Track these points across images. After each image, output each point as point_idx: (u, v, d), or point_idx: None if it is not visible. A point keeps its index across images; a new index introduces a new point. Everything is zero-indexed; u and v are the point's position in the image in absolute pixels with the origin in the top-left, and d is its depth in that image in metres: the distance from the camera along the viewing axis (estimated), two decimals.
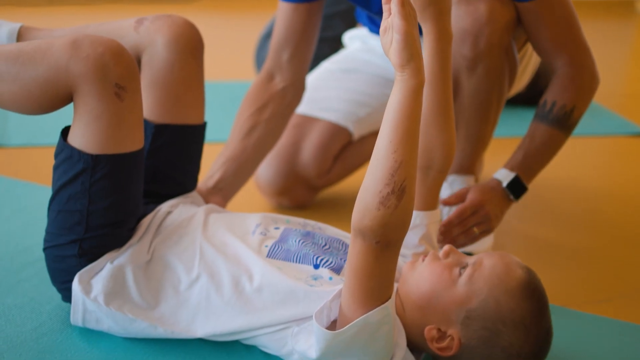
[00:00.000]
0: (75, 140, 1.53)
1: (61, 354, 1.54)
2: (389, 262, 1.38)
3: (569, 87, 1.90)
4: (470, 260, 1.52)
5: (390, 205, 1.33)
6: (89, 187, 1.53)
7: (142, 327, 1.55)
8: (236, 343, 1.58)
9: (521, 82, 2.31)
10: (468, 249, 2.01)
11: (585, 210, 2.44)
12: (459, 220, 1.86)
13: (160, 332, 1.55)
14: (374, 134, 2.33)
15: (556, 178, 2.65)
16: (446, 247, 1.54)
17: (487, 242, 2.07)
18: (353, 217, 1.37)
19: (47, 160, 2.47)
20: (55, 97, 1.52)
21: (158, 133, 1.70)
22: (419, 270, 1.52)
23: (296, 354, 1.50)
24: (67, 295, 1.61)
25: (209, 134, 1.85)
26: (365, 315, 1.38)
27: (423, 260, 1.54)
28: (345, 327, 1.39)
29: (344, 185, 2.44)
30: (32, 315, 1.65)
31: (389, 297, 1.40)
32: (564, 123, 1.90)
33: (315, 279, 1.53)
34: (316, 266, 1.56)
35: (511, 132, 2.90)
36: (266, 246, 1.59)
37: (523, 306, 1.46)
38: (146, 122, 1.68)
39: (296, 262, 1.57)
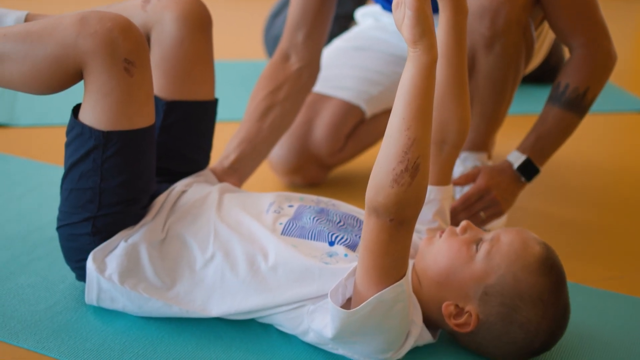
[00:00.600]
0: (86, 117, 1.51)
1: (76, 333, 1.53)
2: (403, 240, 1.37)
3: (583, 68, 1.88)
4: (487, 236, 1.50)
5: (404, 183, 1.32)
6: (101, 164, 1.52)
7: (157, 306, 1.54)
8: (252, 322, 1.57)
9: (536, 60, 2.29)
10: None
11: (597, 187, 2.43)
12: (463, 207, 1.86)
13: (176, 311, 1.54)
14: (386, 112, 2.31)
15: (568, 155, 2.63)
16: (463, 222, 1.52)
17: (500, 219, 2.06)
18: (367, 194, 1.35)
19: (57, 140, 2.47)
20: (65, 75, 1.50)
21: (169, 110, 1.69)
22: (436, 246, 1.51)
23: (312, 333, 1.49)
24: (81, 274, 1.60)
25: (218, 112, 1.83)
26: (379, 293, 1.37)
27: (440, 236, 1.53)
28: (359, 306, 1.38)
29: (356, 163, 2.42)
30: (46, 294, 1.64)
31: (404, 275, 1.39)
32: (577, 105, 1.88)
33: (331, 256, 1.52)
34: (331, 243, 1.54)
35: (521, 110, 2.88)
36: (280, 224, 1.58)
37: (541, 282, 1.45)
38: (157, 99, 1.66)
39: (311, 239, 1.55)
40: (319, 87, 2.34)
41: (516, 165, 1.91)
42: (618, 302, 1.78)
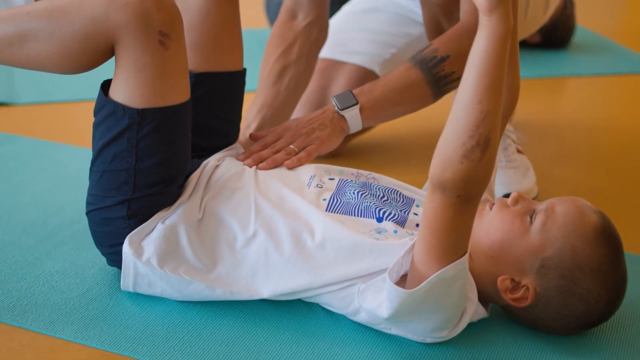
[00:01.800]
0: (118, 94, 1.43)
1: (115, 321, 1.46)
2: (469, 216, 1.31)
3: (454, 36, 1.77)
4: (540, 206, 1.45)
5: (474, 158, 1.25)
6: (136, 144, 1.44)
7: (199, 289, 1.47)
8: (297, 302, 1.51)
9: (541, 21, 2.24)
10: (511, 189, 1.95)
11: (624, 151, 2.37)
12: (261, 148, 1.68)
13: (219, 293, 1.47)
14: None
15: (590, 119, 2.59)
16: (514, 193, 1.47)
17: (529, 180, 2.01)
18: (432, 170, 1.29)
19: (61, 117, 2.42)
20: (96, 52, 1.42)
21: (198, 82, 1.61)
22: (488, 219, 1.45)
23: (363, 312, 1.43)
24: (114, 259, 1.53)
25: None
26: (440, 270, 1.31)
27: (490, 208, 1.47)
28: (420, 285, 1.32)
29: (375, 132, 2.36)
30: (77, 281, 1.57)
31: (466, 252, 1.33)
32: (426, 65, 1.75)
33: (380, 232, 1.46)
34: (379, 219, 1.48)
35: (530, 74, 2.85)
36: (324, 199, 1.51)
37: (600, 252, 1.40)
38: None
39: (358, 215, 1.49)
40: (330, 52, 2.28)
41: (335, 95, 1.78)
42: None
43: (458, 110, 1.26)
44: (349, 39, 2.31)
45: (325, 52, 2.25)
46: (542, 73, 2.99)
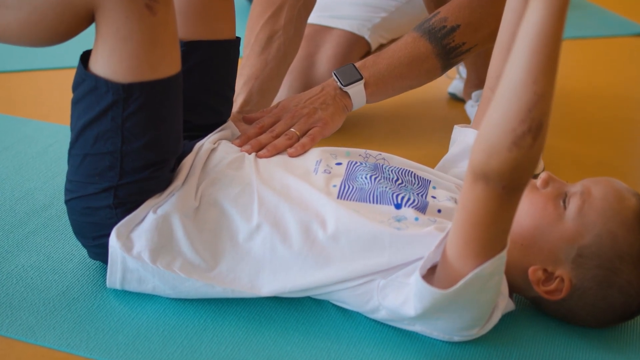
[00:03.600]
0: (100, 67, 1.27)
1: (103, 324, 1.30)
2: (513, 208, 1.17)
3: (464, 4, 1.64)
4: (573, 188, 1.32)
5: (524, 146, 1.10)
6: (122, 124, 1.27)
7: (196, 286, 1.32)
8: (305, 299, 1.37)
9: None
10: None
11: (619, 119, 2.27)
12: (259, 132, 1.55)
13: (219, 291, 1.32)
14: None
15: (580, 86, 2.47)
16: (544, 174, 1.34)
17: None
18: (474, 159, 1.15)
19: (22, 88, 2.23)
20: (73, 20, 1.26)
21: (189, 51, 1.45)
22: None
23: (384, 310, 1.29)
24: (97, 253, 1.37)
25: None
26: (479, 268, 1.18)
27: None
28: (458, 285, 1.19)
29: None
30: (55, 277, 1.40)
31: (505, 246, 1.20)
32: (435, 35, 1.63)
33: (399, 220, 1.31)
34: (398, 205, 1.33)
35: None
36: (334, 186, 1.37)
37: None
38: None
39: (373, 202, 1.35)
40: (317, 17, 2.15)
41: (336, 70, 1.65)
42: None
43: (508, 91, 1.11)
44: (336, 2, 2.19)
45: (311, 17, 2.10)
46: None
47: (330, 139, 1.63)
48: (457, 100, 2.26)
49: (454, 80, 2.28)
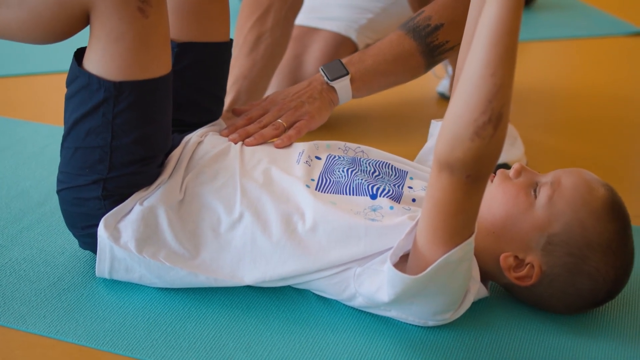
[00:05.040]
0: (93, 65, 1.32)
1: (91, 312, 1.35)
2: (478, 196, 1.22)
3: (448, 3, 1.68)
4: (544, 178, 1.36)
5: (486, 136, 1.15)
6: (112, 120, 1.33)
7: (180, 275, 1.36)
8: (286, 288, 1.41)
9: None
10: (501, 159, 1.86)
11: (606, 117, 2.30)
12: (247, 123, 1.58)
13: (202, 280, 1.37)
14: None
15: (568, 84, 2.51)
16: (516, 165, 1.39)
17: (518, 149, 1.93)
18: (438, 149, 1.19)
19: (20, 92, 2.28)
20: (69, 20, 1.31)
21: (182, 52, 1.50)
22: (489, 192, 1.36)
23: (360, 297, 1.34)
24: (87, 242, 1.42)
25: None
26: (448, 254, 1.23)
27: (492, 181, 1.38)
28: (427, 271, 1.23)
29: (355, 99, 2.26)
30: (47, 269, 1.45)
31: (472, 233, 1.24)
32: (419, 33, 1.66)
33: (375, 210, 1.36)
34: (373, 196, 1.38)
35: None
36: (313, 179, 1.42)
37: (610, 228, 1.33)
38: None
39: (350, 194, 1.39)
40: (304, 19, 2.20)
41: (323, 65, 1.68)
42: None
43: (468, 83, 1.15)
44: (323, 4, 2.24)
45: (299, 19, 2.16)
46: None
47: (321, 136, 1.68)
48: (446, 99, 2.29)
49: (443, 79, 2.32)
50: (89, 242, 1.41)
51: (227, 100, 1.75)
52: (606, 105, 2.40)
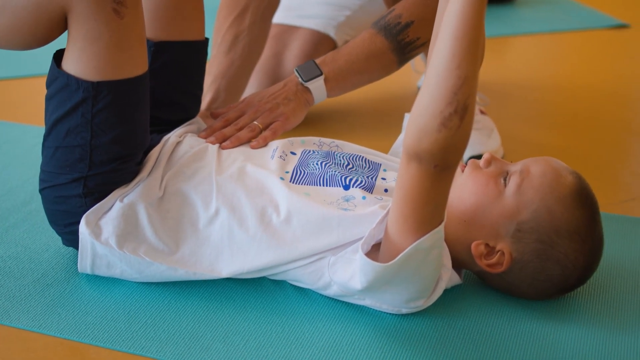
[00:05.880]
0: (71, 66, 1.36)
1: (73, 306, 1.39)
2: (446, 186, 1.25)
3: (418, 1, 1.70)
4: (513, 167, 1.40)
5: (452, 126, 1.19)
6: (91, 119, 1.37)
7: (161, 270, 1.40)
8: (263, 279, 1.45)
9: None
10: (476, 150, 1.90)
11: (584, 108, 2.34)
12: (223, 125, 1.62)
13: (181, 274, 1.40)
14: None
15: (548, 77, 2.55)
16: (486, 155, 1.42)
17: (494, 140, 1.96)
18: (406, 141, 1.23)
19: (7, 95, 2.32)
20: (49, 24, 1.35)
21: (158, 52, 1.54)
22: (460, 182, 1.40)
23: (335, 286, 1.38)
24: (69, 239, 1.46)
25: None
26: (417, 241, 1.26)
27: (462, 170, 1.41)
28: (397, 258, 1.27)
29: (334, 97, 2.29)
30: (32, 266, 1.49)
31: (442, 221, 1.28)
32: (390, 31, 1.69)
33: (347, 200, 1.40)
34: (346, 187, 1.42)
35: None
36: (287, 172, 1.45)
37: (577, 215, 1.36)
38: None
39: (323, 185, 1.43)
40: (283, 17, 2.23)
41: (297, 67, 1.71)
42: (638, 226, 1.71)
43: (434, 76, 1.19)
44: (301, 2, 2.26)
45: (277, 17, 2.19)
46: (494, 31, 2.94)
47: (302, 133, 1.70)
48: None
49: (423, 74, 2.35)
50: (72, 239, 1.44)
51: (207, 99, 1.79)
52: (584, 97, 2.43)
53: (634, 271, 1.54)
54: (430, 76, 1.20)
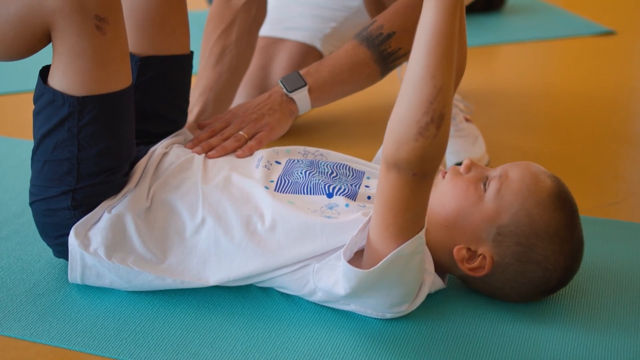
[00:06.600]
0: (57, 82, 1.39)
1: (64, 315, 1.42)
2: (426, 193, 1.28)
3: (399, 12, 1.73)
4: (493, 172, 1.43)
5: (429, 135, 1.22)
6: (77, 133, 1.39)
7: (149, 279, 1.43)
8: (251, 286, 1.48)
9: None
10: (461, 157, 1.93)
11: (570, 114, 2.37)
12: (209, 135, 1.65)
13: (169, 282, 1.43)
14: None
15: (534, 85, 2.58)
16: (466, 161, 1.45)
17: (479, 148, 1.99)
18: (385, 150, 1.26)
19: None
20: (32, 38, 1.38)
21: (144, 66, 1.57)
22: (441, 188, 1.43)
23: (320, 292, 1.41)
24: (60, 251, 1.48)
25: None
26: (398, 248, 1.29)
27: (443, 177, 1.44)
28: (378, 265, 1.30)
29: (320, 107, 2.32)
30: (23, 276, 1.52)
31: (423, 227, 1.31)
32: (372, 42, 1.72)
33: (331, 208, 1.43)
34: (329, 195, 1.45)
35: (470, 42, 2.79)
36: (272, 181, 1.48)
37: (556, 217, 1.39)
38: (131, 56, 1.53)
39: (307, 193, 1.46)
40: (270, 30, 2.25)
41: (282, 78, 1.74)
42: (622, 228, 1.74)
43: (410, 86, 1.22)
44: (288, 15, 2.29)
45: (264, 30, 2.22)
46: (481, 40, 2.97)
47: (289, 143, 1.73)
48: None
49: None
50: (62, 250, 1.47)
51: (195, 111, 1.82)
52: (570, 103, 2.47)
53: (617, 274, 1.57)
54: (406, 86, 1.23)
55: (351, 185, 1.48)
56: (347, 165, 1.54)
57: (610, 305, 1.48)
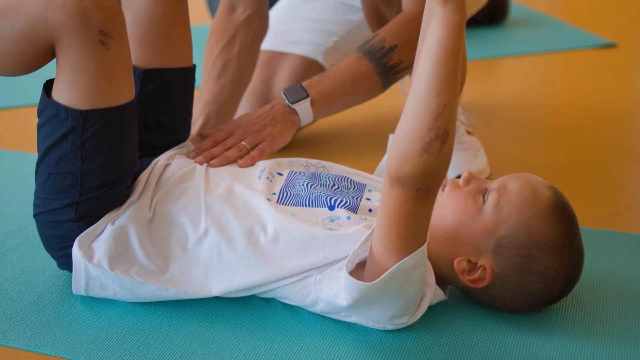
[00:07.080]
0: (61, 95, 1.40)
1: (68, 326, 1.43)
2: (429, 207, 1.30)
3: (400, 26, 1.76)
4: (492, 185, 1.44)
5: (433, 151, 1.23)
6: (81, 146, 1.41)
7: (152, 290, 1.44)
8: (253, 297, 1.49)
9: (481, 1, 2.23)
10: (463, 169, 1.94)
11: (572, 127, 2.38)
12: (211, 146, 1.66)
13: (172, 293, 1.44)
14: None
15: (535, 97, 2.59)
16: (465, 173, 1.46)
17: (481, 160, 2.01)
18: (389, 165, 1.27)
19: (3, 124, 2.36)
20: (37, 53, 1.40)
21: (147, 79, 1.58)
22: (441, 201, 1.44)
23: (322, 303, 1.42)
24: (64, 262, 1.50)
25: None
26: (400, 261, 1.30)
27: (443, 190, 1.46)
28: (381, 278, 1.31)
29: (323, 120, 2.33)
30: (28, 288, 1.53)
31: (425, 241, 1.32)
32: (374, 55, 1.74)
33: (333, 220, 1.44)
34: (331, 207, 1.46)
35: (471, 56, 2.82)
36: (274, 193, 1.50)
37: (555, 228, 1.40)
38: (133, 68, 1.55)
39: (309, 206, 1.47)
40: (272, 44, 2.27)
41: (285, 89, 1.75)
42: (623, 240, 1.75)
43: (415, 103, 1.24)
44: (290, 29, 2.30)
45: (267, 44, 2.24)
46: (483, 53, 2.98)
47: (292, 154, 1.75)
48: None
49: None
50: (66, 262, 1.48)
51: (198, 124, 1.84)
52: (571, 115, 2.47)
53: (618, 285, 1.58)
54: (411, 102, 1.25)
55: (353, 197, 1.50)
56: (348, 178, 1.56)
57: (610, 316, 1.49)
